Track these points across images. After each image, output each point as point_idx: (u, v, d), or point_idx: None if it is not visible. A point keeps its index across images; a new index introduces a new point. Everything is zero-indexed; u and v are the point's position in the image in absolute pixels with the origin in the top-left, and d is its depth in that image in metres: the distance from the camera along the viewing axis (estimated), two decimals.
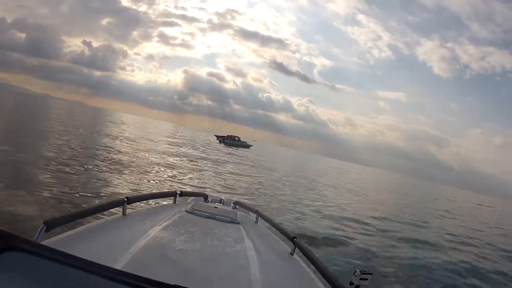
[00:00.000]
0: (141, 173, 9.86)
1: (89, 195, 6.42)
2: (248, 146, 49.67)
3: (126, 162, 11.22)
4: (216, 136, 51.95)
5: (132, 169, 10.14)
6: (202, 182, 10.75)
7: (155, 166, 11.82)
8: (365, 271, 1.51)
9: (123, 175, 9.06)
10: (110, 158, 11.43)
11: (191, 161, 15.50)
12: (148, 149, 15.40)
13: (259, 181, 14.19)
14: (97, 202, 5.75)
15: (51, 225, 1.33)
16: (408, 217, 12.58)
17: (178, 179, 10.43)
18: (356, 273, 1.51)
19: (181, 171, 12.15)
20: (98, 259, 1.03)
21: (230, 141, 47.82)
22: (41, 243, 1.11)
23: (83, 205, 5.47)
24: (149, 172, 10.32)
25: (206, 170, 13.80)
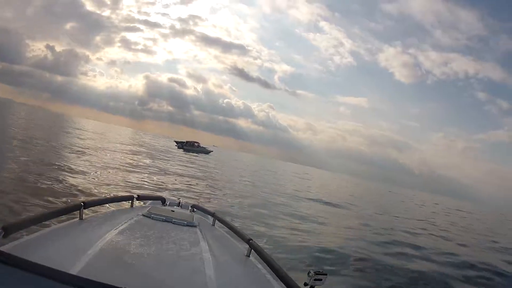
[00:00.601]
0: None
1: (45, 202, 6.21)
2: (208, 152, 49.32)
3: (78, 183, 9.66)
4: (175, 142, 51.08)
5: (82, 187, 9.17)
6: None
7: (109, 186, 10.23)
8: (319, 271, 1.55)
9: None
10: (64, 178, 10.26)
11: (148, 174, 13.88)
12: (104, 163, 13.63)
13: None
14: (53, 206, 5.70)
15: (8, 230, 1.34)
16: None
17: None
18: (310, 274, 1.54)
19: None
20: (55, 264, 1.07)
21: (189, 147, 47.00)
22: None
23: (40, 210, 5.26)
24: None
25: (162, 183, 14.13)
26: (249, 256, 1.96)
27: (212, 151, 51.90)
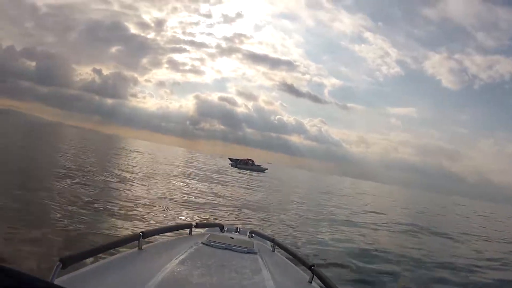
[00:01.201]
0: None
1: (104, 232, 5.97)
2: (263, 170, 47.10)
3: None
4: (230, 159, 49.66)
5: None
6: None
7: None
8: None
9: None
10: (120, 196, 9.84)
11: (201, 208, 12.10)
12: (154, 192, 12.67)
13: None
14: (112, 237, 5.42)
15: (67, 263, 1.30)
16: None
17: None
18: None
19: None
20: None
21: (243, 165, 45.31)
22: (56, 280, 1.17)
23: (98, 241, 5.06)
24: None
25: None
26: (311, 283, 1.81)
27: (267, 169, 49.13)
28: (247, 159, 48.36)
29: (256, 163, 48.42)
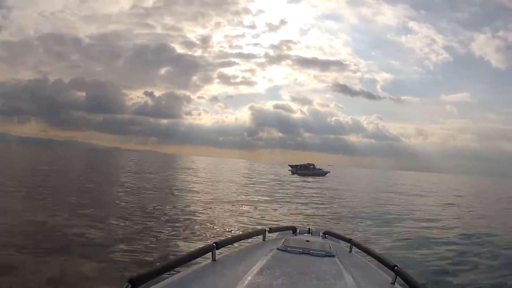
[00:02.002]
0: None
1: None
2: (324, 174, 43.93)
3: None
4: (290, 166, 47.32)
5: None
6: None
7: None
8: None
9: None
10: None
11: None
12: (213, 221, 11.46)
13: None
14: (184, 252, 4.92)
15: (136, 283, 1.25)
16: None
17: None
18: None
19: None
20: None
21: (304, 170, 42.72)
22: None
23: (170, 256, 5.35)
24: None
25: None
26: (394, 284, 1.71)
27: (329, 172, 45.73)
28: (308, 163, 45.61)
29: (317, 167, 45.33)
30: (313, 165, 45.25)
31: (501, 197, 28.37)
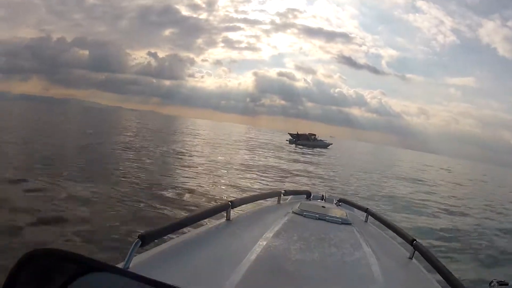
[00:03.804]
0: None
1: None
2: (326, 146, 40.76)
3: None
4: (290, 134, 43.54)
5: None
6: None
7: None
8: (502, 281, 1.42)
9: None
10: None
11: None
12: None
13: None
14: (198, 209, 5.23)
15: (146, 240, 1.12)
16: None
17: None
18: (492, 284, 1.42)
19: None
20: (205, 273, 1.02)
21: (304, 141, 39.09)
22: (134, 258, 1.02)
23: (183, 213, 5.27)
24: None
25: None
26: (411, 259, 1.60)
27: (331, 144, 42.69)
28: (309, 133, 42.21)
29: (318, 138, 42.01)
30: (314, 135, 41.98)
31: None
